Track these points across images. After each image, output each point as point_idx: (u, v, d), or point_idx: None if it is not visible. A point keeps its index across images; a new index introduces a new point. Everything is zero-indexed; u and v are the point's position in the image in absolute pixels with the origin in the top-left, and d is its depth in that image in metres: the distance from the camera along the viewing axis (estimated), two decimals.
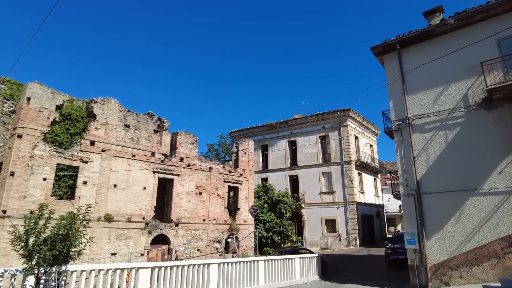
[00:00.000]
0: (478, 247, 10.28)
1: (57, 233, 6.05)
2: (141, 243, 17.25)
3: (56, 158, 15.03)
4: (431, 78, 12.08)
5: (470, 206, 10.60)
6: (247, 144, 24.86)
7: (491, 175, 10.40)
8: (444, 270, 10.75)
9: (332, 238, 28.93)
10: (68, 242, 6.03)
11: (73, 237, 6.12)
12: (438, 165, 11.37)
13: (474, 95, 11.06)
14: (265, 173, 34.63)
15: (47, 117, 15.29)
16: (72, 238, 6.10)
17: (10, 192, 13.56)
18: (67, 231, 6.09)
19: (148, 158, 18.36)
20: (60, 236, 6.02)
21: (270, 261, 12.11)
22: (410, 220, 11.63)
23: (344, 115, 30.88)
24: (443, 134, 11.46)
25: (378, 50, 13.42)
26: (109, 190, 16.46)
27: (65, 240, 6.01)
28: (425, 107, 12.01)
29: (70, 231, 6.11)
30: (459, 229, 10.68)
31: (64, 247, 5.94)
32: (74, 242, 6.14)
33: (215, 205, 21.33)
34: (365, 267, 17.72)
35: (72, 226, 6.15)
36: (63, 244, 5.93)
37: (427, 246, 11.11)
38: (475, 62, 11.00)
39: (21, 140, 14.20)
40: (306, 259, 14.05)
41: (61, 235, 6.05)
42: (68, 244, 6.04)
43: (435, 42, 12.30)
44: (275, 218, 25.86)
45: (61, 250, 5.90)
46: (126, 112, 18.29)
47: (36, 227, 6.08)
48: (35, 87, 15.10)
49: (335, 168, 30.62)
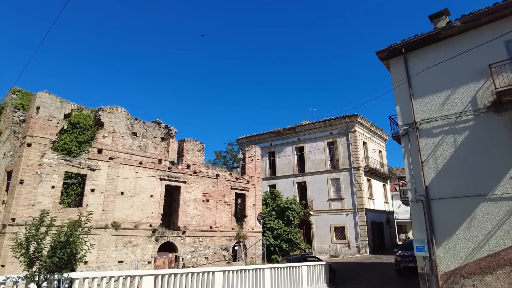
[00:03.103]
0: (491, 255, 9.94)
1: (58, 240, 6.03)
2: (148, 251, 17.24)
3: (64, 166, 15.22)
4: (438, 82, 11.89)
5: (481, 212, 10.30)
6: (254, 150, 24.80)
7: (503, 179, 10.09)
8: (455, 278, 10.42)
9: (341, 246, 28.47)
10: (68, 249, 5.99)
11: (74, 244, 6.09)
12: (447, 170, 11.11)
13: (483, 98, 10.82)
14: (272, 180, 34.46)
15: (56, 125, 15.54)
16: (73, 245, 6.07)
17: (19, 200, 13.74)
18: (67, 238, 6.06)
19: (155, 165, 18.46)
20: (61, 243, 6.00)
21: (276, 269, 11.93)
22: (419, 226, 11.35)
23: (352, 121, 30.63)
24: (452, 138, 11.22)
25: (383, 55, 13.30)
26: (116, 198, 16.55)
27: (65, 247, 5.98)
28: (432, 111, 11.80)
29: (70, 238, 6.08)
30: (471, 236, 10.36)
31: (64, 254, 5.90)
32: (74, 249, 6.10)
33: (222, 213, 21.24)
34: (375, 275, 17.35)
35: (73, 233, 6.12)
36: (64, 251, 5.90)
37: (437, 253, 10.80)
38: (483, 64, 10.79)
39: (30, 148, 14.44)
40: (314, 267, 13.82)
41: (61, 242, 6.03)
42: (68, 251, 5.99)
43: (441, 45, 12.13)
44: (283, 226, 25.61)
45: (61, 257, 5.86)
46: (133, 120, 18.48)
47: (37, 234, 6.07)
48: (44, 97, 15.39)
49: (343, 175, 30.28)
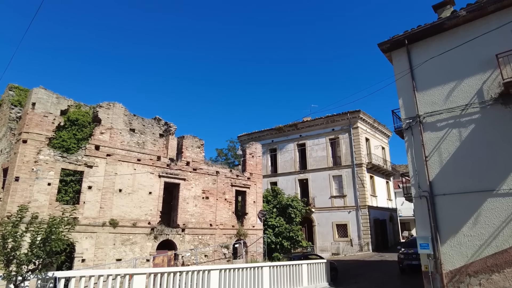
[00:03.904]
0: (499, 252, 9.57)
1: (36, 237, 5.71)
2: (146, 249, 17.00)
3: (61, 163, 14.98)
4: (442, 74, 11.49)
5: (488, 208, 9.93)
6: (255, 147, 24.45)
7: (511, 174, 9.71)
8: (461, 277, 10.06)
9: (343, 244, 28.12)
10: (48, 247, 5.67)
11: (54, 242, 5.76)
12: (452, 164, 10.73)
13: (490, 90, 10.41)
14: (274, 177, 34.14)
15: (52, 122, 15.28)
16: (53, 243, 5.74)
17: (14, 198, 13.52)
18: (47, 235, 5.75)
19: (153, 162, 18.19)
20: (40, 241, 5.70)
21: (276, 267, 11.61)
22: (423, 223, 10.99)
23: (354, 117, 30.19)
24: (457, 132, 10.82)
25: (386, 47, 12.90)
26: (114, 195, 16.30)
27: (44, 245, 5.67)
28: (436, 104, 11.40)
29: (51, 235, 5.76)
30: (477, 233, 9.99)
31: (43, 252, 5.60)
32: (55, 247, 5.76)
33: (222, 210, 20.96)
34: (377, 273, 17.01)
35: (53, 230, 5.80)
36: (42, 249, 5.60)
37: (442, 251, 10.44)
38: (490, 55, 10.38)
39: (25, 145, 14.20)
40: (314, 265, 13.50)
41: (42, 239, 5.72)
42: (47, 249, 5.67)
43: (445, 36, 11.71)
44: (285, 223, 25.27)
45: (39, 255, 5.57)
46: (132, 116, 18.20)
47: (15, 231, 5.72)
48: (40, 92, 15.13)
49: (345, 171, 29.89)
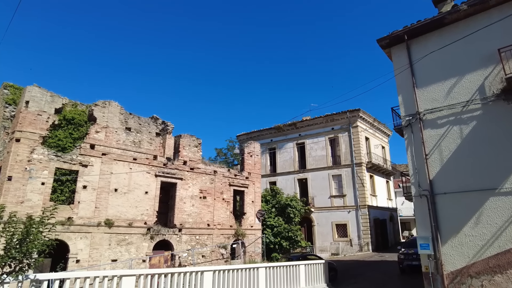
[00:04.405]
0: (501, 253, 9.30)
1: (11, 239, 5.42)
2: (143, 249, 16.74)
3: (55, 162, 14.73)
4: (442, 70, 11.22)
5: (490, 207, 9.65)
6: (253, 146, 24.18)
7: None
8: (462, 278, 9.79)
9: (343, 244, 27.84)
10: (24, 248, 5.40)
11: (31, 243, 5.49)
12: (453, 162, 10.45)
13: (492, 86, 10.14)
14: (273, 177, 33.85)
15: (46, 120, 15.04)
16: (30, 244, 5.47)
17: (7, 197, 13.26)
18: (23, 236, 5.47)
19: (150, 161, 17.94)
20: (15, 242, 5.41)
21: (272, 268, 11.34)
22: (423, 222, 10.72)
23: (354, 116, 29.91)
24: (458, 129, 10.55)
25: (385, 42, 12.64)
26: (109, 195, 16.05)
27: (21, 246, 5.39)
28: (437, 100, 11.13)
29: (27, 236, 5.48)
30: (479, 233, 9.72)
31: (19, 254, 5.32)
32: (31, 248, 5.49)
33: (220, 210, 20.70)
34: (377, 274, 16.74)
35: (29, 231, 5.50)
36: (18, 250, 5.32)
37: (442, 251, 10.17)
38: (492, 49, 10.12)
39: (19, 144, 13.96)
40: (312, 265, 13.23)
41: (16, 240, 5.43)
42: (24, 251, 5.40)
43: (446, 31, 11.44)
44: (284, 223, 25.00)
45: (15, 257, 5.27)
46: (128, 115, 17.94)
47: None
48: (34, 91, 14.89)
49: (345, 171, 29.61)
